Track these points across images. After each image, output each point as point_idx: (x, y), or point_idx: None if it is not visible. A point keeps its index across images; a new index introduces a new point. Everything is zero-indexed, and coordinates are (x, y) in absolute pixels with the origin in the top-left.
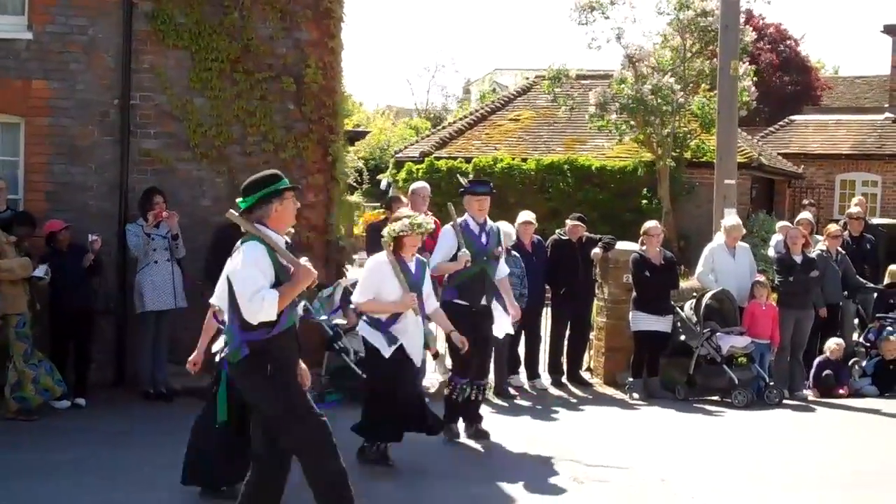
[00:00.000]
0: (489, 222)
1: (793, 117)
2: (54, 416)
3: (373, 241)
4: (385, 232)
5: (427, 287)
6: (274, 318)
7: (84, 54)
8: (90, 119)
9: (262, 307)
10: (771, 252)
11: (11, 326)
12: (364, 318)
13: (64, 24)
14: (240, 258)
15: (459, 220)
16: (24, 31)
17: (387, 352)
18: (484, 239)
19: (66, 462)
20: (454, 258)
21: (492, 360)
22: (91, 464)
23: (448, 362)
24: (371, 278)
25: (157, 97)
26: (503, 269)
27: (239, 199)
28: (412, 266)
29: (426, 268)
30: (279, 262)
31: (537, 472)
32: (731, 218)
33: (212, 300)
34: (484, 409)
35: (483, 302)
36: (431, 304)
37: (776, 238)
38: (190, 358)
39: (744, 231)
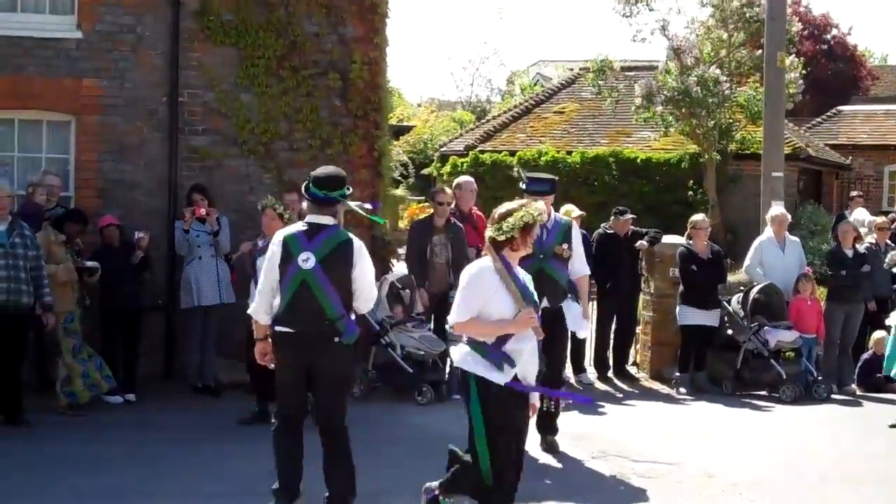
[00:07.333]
0: (553, 216)
1: (840, 108)
2: (104, 410)
3: (413, 236)
4: (491, 232)
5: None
6: None
7: (132, 52)
8: (139, 116)
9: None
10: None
11: (59, 322)
12: (464, 339)
13: (112, 22)
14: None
15: None
16: (74, 31)
17: (502, 377)
18: (543, 234)
19: (113, 457)
20: None
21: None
22: (138, 458)
23: None
24: (472, 290)
25: (205, 94)
26: (578, 269)
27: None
28: (519, 273)
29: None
30: None
31: (584, 468)
32: (776, 207)
33: None
34: None
35: (545, 304)
36: None
37: None
38: None
39: (789, 219)
